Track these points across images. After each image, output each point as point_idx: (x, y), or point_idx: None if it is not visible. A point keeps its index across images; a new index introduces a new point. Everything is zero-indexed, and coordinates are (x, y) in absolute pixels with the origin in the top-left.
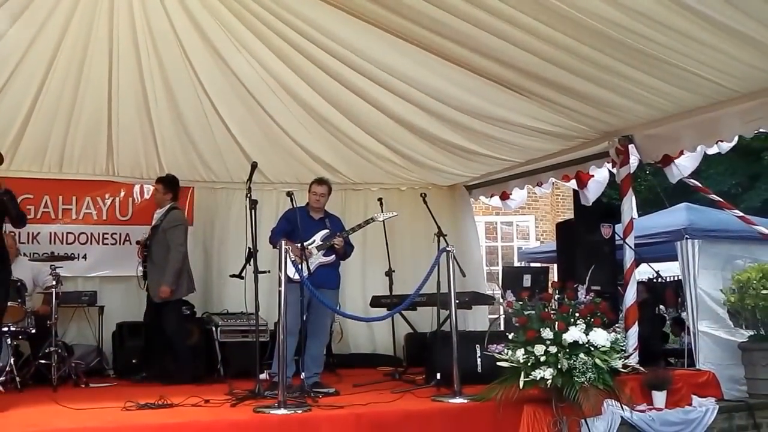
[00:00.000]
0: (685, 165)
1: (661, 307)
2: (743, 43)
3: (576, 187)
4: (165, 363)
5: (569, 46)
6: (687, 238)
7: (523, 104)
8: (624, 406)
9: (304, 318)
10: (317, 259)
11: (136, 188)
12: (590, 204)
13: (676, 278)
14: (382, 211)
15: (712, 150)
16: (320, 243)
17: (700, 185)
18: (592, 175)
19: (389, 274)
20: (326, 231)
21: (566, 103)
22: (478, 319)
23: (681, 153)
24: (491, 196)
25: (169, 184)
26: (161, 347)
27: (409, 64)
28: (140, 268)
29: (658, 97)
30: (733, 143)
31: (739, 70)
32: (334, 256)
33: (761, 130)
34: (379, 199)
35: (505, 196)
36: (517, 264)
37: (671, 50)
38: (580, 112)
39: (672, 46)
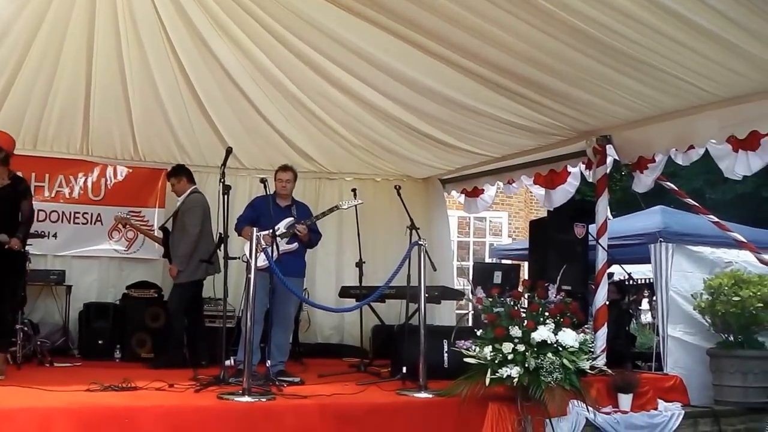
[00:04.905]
0: (647, 177)
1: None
2: (725, 49)
3: (544, 191)
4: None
5: (549, 46)
6: (661, 242)
7: (502, 100)
8: (589, 408)
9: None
10: (280, 246)
11: (110, 169)
12: (552, 208)
13: (647, 281)
14: (355, 200)
15: (680, 160)
16: (284, 231)
17: (676, 188)
18: (567, 173)
19: (359, 265)
20: (291, 219)
21: (545, 102)
22: (445, 314)
23: (654, 157)
24: (462, 192)
25: (177, 171)
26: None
27: (389, 56)
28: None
29: (637, 98)
30: (702, 152)
31: (721, 75)
32: (296, 243)
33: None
34: (353, 190)
35: (477, 192)
36: (488, 260)
37: (652, 52)
38: (558, 111)
39: (653, 48)
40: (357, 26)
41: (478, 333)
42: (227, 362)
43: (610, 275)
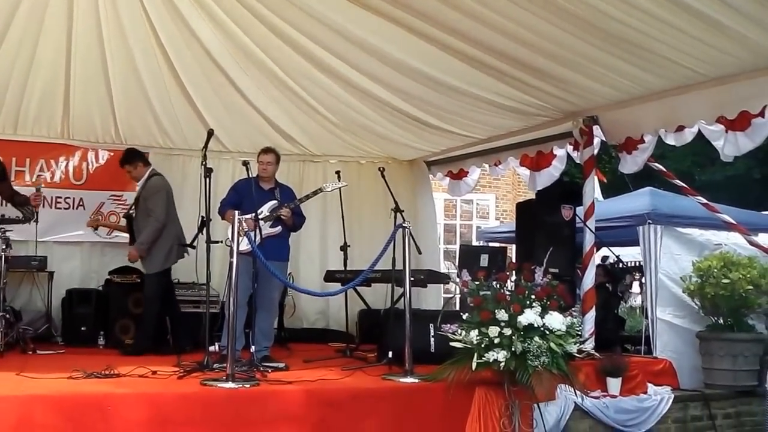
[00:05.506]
0: (636, 158)
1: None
2: (713, 28)
3: (529, 172)
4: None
5: (536, 26)
6: (650, 224)
7: (488, 80)
8: (577, 392)
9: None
10: (264, 230)
11: (91, 153)
12: (536, 190)
13: (636, 263)
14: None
15: (671, 140)
16: (267, 214)
17: (664, 169)
18: (553, 156)
19: (344, 248)
20: (274, 202)
21: (531, 82)
22: (432, 298)
23: (642, 137)
24: (447, 174)
25: (131, 157)
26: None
27: (374, 37)
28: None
29: (625, 79)
30: (695, 131)
31: (709, 55)
32: (280, 227)
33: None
34: (337, 172)
35: (461, 175)
36: (475, 243)
37: (640, 32)
38: (545, 91)
39: (641, 28)
40: (342, 6)
41: (464, 317)
42: (211, 348)
43: (604, 258)
